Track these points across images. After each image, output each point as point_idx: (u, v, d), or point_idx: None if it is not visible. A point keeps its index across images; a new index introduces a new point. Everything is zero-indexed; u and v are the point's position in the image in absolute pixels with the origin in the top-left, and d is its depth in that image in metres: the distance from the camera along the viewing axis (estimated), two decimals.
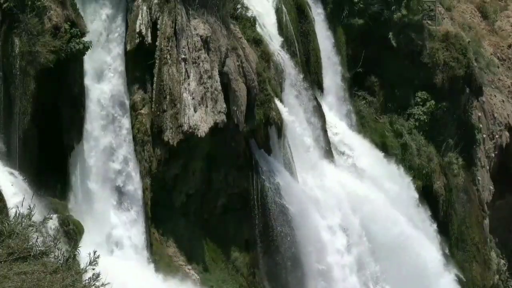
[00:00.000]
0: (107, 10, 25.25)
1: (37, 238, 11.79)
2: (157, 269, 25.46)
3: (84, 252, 12.58)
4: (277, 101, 29.69)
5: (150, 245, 25.57)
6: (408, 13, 38.19)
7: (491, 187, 43.17)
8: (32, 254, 11.22)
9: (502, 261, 44.07)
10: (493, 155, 43.67)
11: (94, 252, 11.40)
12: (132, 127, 25.52)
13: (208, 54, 26.57)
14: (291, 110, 30.85)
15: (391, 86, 38.91)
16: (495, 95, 44.78)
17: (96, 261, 11.13)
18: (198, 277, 26.65)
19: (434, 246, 36.46)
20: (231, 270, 28.12)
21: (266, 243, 29.09)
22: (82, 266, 11.73)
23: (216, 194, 28.30)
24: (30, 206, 11.84)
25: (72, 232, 22.15)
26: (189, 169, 27.02)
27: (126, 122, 25.47)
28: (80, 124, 23.81)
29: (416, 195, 36.93)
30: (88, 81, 24.33)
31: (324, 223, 30.40)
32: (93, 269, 11.18)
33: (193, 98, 25.89)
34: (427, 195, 37.93)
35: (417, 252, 34.37)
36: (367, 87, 38.63)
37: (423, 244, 35.05)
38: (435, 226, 37.32)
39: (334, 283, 30.23)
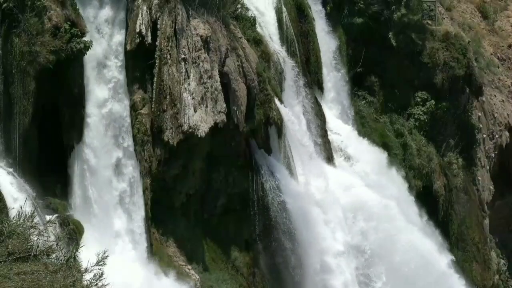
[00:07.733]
0: (107, 10, 25.21)
1: (38, 239, 11.75)
2: (157, 269, 25.44)
3: (85, 252, 12.54)
4: (277, 101, 29.67)
5: (150, 245, 25.55)
6: (408, 13, 38.16)
7: (491, 187, 43.15)
8: (32, 254, 11.18)
9: (502, 261, 44.05)
10: (493, 155, 43.65)
11: (104, 252, 11.24)
12: (132, 127, 25.49)
13: (208, 54, 26.54)
14: (291, 110, 30.83)
15: (391, 86, 38.87)
16: (495, 95, 44.75)
17: (103, 261, 11.02)
18: (198, 277, 26.64)
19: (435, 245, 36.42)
20: (231, 270, 28.11)
21: (266, 243, 29.08)
22: (82, 266, 11.65)
23: (216, 194, 28.29)
24: (22, 207, 11.78)
25: (72, 232, 22.16)
26: (189, 169, 26.99)
27: None
28: (80, 124, 23.79)
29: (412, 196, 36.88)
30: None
31: (324, 223, 30.38)
32: (100, 269, 11.07)
33: (193, 98, 25.87)
34: (427, 195, 37.89)
35: (419, 252, 34.32)
36: (367, 87, 38.58)
37: (424, 243, 35.02)
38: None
39: (334, 283, 30.20)
